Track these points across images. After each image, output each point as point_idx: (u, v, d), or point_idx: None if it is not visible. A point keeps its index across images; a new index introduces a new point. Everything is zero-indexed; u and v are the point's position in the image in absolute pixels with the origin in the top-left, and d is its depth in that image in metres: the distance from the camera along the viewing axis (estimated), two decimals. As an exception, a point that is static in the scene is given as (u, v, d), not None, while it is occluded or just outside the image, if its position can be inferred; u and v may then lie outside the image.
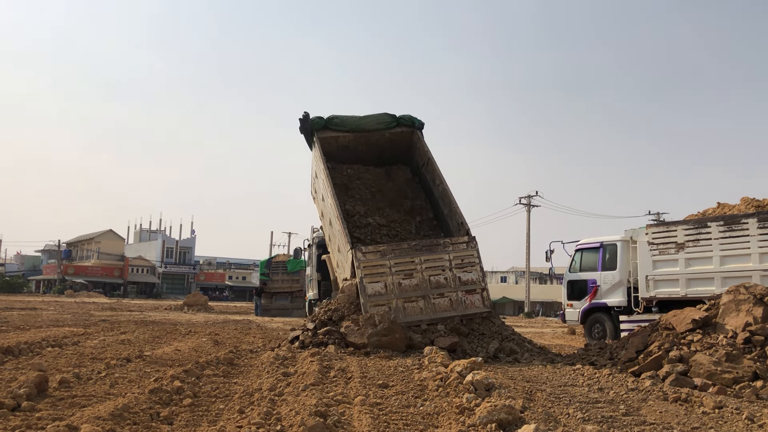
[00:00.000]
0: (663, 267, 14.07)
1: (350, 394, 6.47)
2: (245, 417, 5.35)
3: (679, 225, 14.09)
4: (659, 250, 14.11)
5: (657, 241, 14.17)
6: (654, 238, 14.25)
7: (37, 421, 4.92)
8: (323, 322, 11.41)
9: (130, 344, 11.65)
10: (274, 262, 35.03)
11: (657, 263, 14.16)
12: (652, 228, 14.77)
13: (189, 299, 36.31)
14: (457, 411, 5.55)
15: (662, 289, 14.09)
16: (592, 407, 6.22)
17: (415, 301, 11.49)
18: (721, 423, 5.75)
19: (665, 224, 14.82)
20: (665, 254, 13.99)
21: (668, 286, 13.97)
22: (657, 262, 14.16)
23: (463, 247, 12.05)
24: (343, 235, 12.21)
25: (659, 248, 14.11)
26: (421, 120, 14.81)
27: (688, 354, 8.49)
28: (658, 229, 14.63)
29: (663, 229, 14.49)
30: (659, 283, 14.13)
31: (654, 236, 14.28)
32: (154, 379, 6.93)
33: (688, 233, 13.65)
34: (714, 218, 13.51)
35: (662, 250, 14.05)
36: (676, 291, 13.75)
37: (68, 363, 8.51)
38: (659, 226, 15.04)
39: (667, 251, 13.95)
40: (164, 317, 23.92)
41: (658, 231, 14.43)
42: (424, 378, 7.45)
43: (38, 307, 26.65)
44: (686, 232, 13.69)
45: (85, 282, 69.85)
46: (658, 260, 14.15)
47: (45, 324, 16.06)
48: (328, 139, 14.32)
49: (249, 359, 9.67)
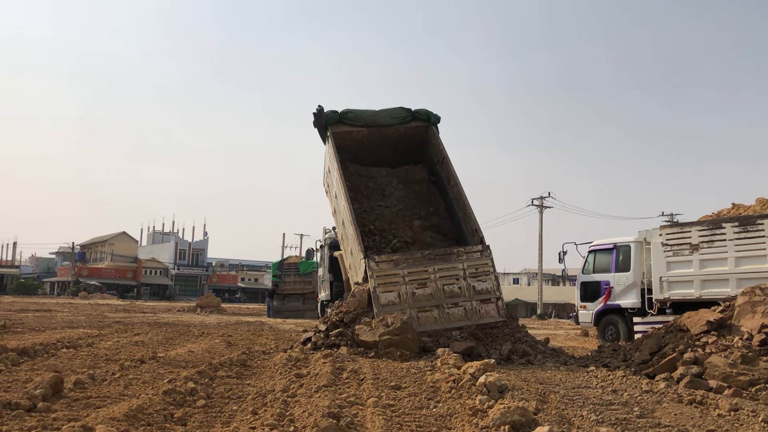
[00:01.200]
0: (677, 268, 13.96)
1: (363, 395, 6.47)
2: (258, 418, 5.37)
3: (694, 226, 13.98)
4: (673, 252, 14.01)
5: (671, 243, 14.07)
6: (668, 239, 14.14)
7: (53, 421, 4.97)
8: (335, 324, 11.41)
9: (144, 345, 11.72)
10: (286, 263, 35.11)
11: (671, 264, 14.06)
12: (666, 229, 14.68)
13: (202, 301, 36.51)
14: (470, 413, 5.54)
15: (676, 290, 13.99)
16: (606, 409, 6.18)
17: (429, 310, 11.39)
18: (736, 426, 5.70)
19: (679, 225, 14.73)
20: (679, 255, 13.88)
21: (682, 288, 13.86)
22: (671, 264, 14.06)
23: (477, 256, 11.95)
24: (356, 241, 12.13)
25: (673, 249, 14.01)
26: (437, 114, 14.53)
27: (702, 356, 8.42)
28: (672, 230, 14.53)
29: (677, 230, 14.39)
30: (673, 285, 14.03)
31: (668, 237, 14.17)
32: (168, 381, 6.96)
33: (702, 234, 13.54)
34: (729, 219, 13.40)
35: (676, 251, 13.95)
36: (691, 292, 13.65)
37: (83, 364, 8.58)
38: (673, 227, 14.95)
39: (681, 252, 13.84)
40: (177, 319, 24.05)
41: (672, 232, 14.33)
42: (436, 380, 7.43)
43: (53, 309, 26.88)
44: (700, 233, 13.58)
45: (99, 284, 70.36)
46: (672, 261, 14.04)
47: (60, 326, 16.20)
48: (342, 133, 14.15)
49: (262, 361, 9.71)
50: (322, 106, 14.15)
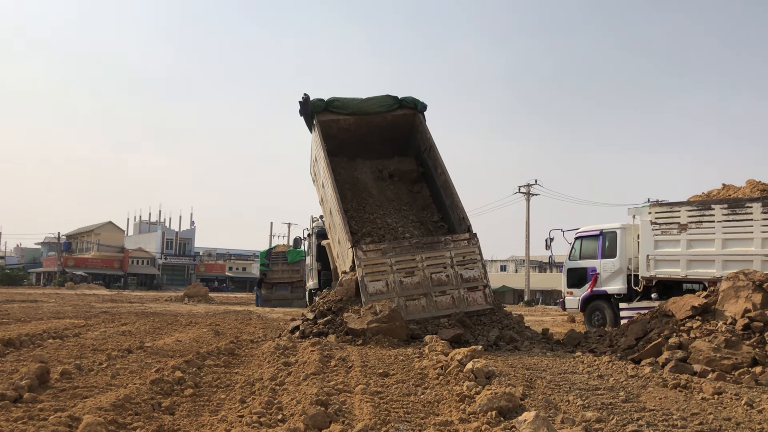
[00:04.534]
0: (664, 247, 13.97)
1: (351, 382, 6.50)
2: (246, 406, 5.38)
3: (683, 206, 13.94)
4: (662, 230, 13.99)
5: (660, 221, 14.05)
6: (657, 217, 14.12)
7: (39, 412, 4.94)
8: (323, 312, 11.43)
9: (131, 335, 11.67)
10: (274, 252, 35.01)
11: (659, 243, 14.05)
12: (655, 207, 14.62)
13: (189, 290, 36.37)
14: (458, 399, 5.58)
15: (663, 269, 14.02)
16: (592, 394, 6.25)
17: (416, 299, 11.45)
18: (720, 409, 5.77)
19: (669, 204, 14.56)
20: (667, 234, 13.88)
21: (669, 267, 13.90)
22: (659, 242, 14.05)
23: (465, 244, 12.00)
24: (343, 231, 12.13)
25: (662, 228, 13.99)
26: (424, 102, 14.51)
27: (687, 341, 8.53)
28: (662, 208, 14.45)
29: (666, 209, 14.32)
30: (660, 263, 14.05)
31: (657, 216, 14.15)
32: (156, 370, 6.95)
33: (691, 214, 13.53)
34: (718, 201, 13.39)
35: (665, 230, 13.93)
36: (677, 271, 13.69)
37: (69, 354, 8.54)
38: (663, 206, 14.77)
39: (670, 231, 13.83)
40: (165, 308, 23.96)
41: (662, 211, 14.27)
42: (424, 366, 7.47)
43: (39, 300, 26.68)
44: (689, 213, 13.58)
45: (86, 274, 69.94)
46: (660, 240, 14.04)
47: (46, 316, 16.09)
48: (328, 122, 14.09)
49: (250, 349, 9.70)
50: (308, 95, 14.04)
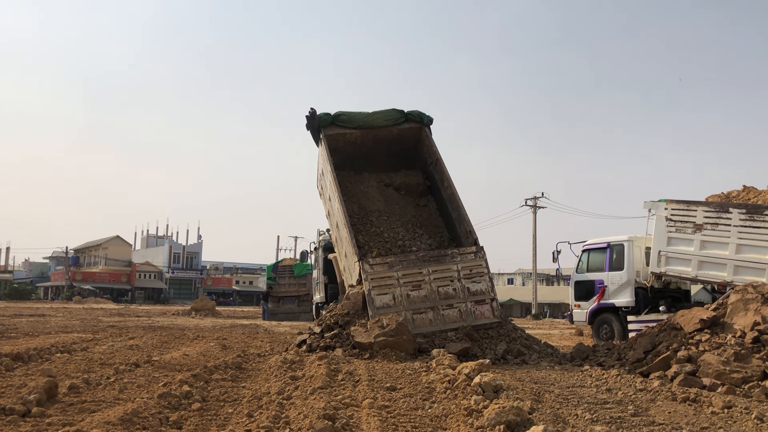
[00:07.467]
0: (677, 245, 13.78)
1: (358, 397, 6.48)
2: (254, 421, 5.38)
3: (700, 206, 13.71)
4: (676, 228, 13.80)
5: (675, 218, 13.85)
6: (672, 214, 13.92)
7: (48, 426, 4.96)
8: (330, 326, 11.42)
9: (139, 349, 11.69)
10: (280, 266, 35.07)
11: (672, 240, 13.87)
12: (672, 203, 14.26)
13: (196, 304, 36.45)
14: (465, 413, 5.55)
15: (673, 266, 13.84)
16: (601, 408, 6.21)
17: (423, 312, 11.40)
18: (730, 423, 5.73)
19: (686, 202, 14.25)
20: (681, 232, 13.69)
21: (680, 265, 13.73)
22: (672, 239, 13.87)
23: (471, 258, 11.96)
24: (350, 244, 12.13)
25: (676, 225, 13.80)
26: (430, 116, 14.55)
27: (696, 354, 8.47)
28: (678, 206, 14.13)
29: (683, 206, 14.03)
30: (671, 260, 13.87)
31: (673, 212, 13.94)
32: (163, 384, 6.96)
33: (707, 215, 13.30)
34: (737, 205, 13.20)
35: (679, 227, 13.74)
36: (687, 271, 13.53)
37: (77, 369, 8.56)
38: (680, 203, 14.34)
39: (684, 230, 13.64)
40: (172, 322, 23.98)
41: (678, 208, 14.02)
42: (431, 380, 7.45)
43: (47, 314, 26.77)
44: (706, 213, 13.34)
45: (93, 288, 70.14)
46: (673, 237, 13.85)
47: (54, 330, 16.14)
48: (334, 135, 14.14)
49: (257, 363, 9.70)
50: (314, 109, 14.14)
